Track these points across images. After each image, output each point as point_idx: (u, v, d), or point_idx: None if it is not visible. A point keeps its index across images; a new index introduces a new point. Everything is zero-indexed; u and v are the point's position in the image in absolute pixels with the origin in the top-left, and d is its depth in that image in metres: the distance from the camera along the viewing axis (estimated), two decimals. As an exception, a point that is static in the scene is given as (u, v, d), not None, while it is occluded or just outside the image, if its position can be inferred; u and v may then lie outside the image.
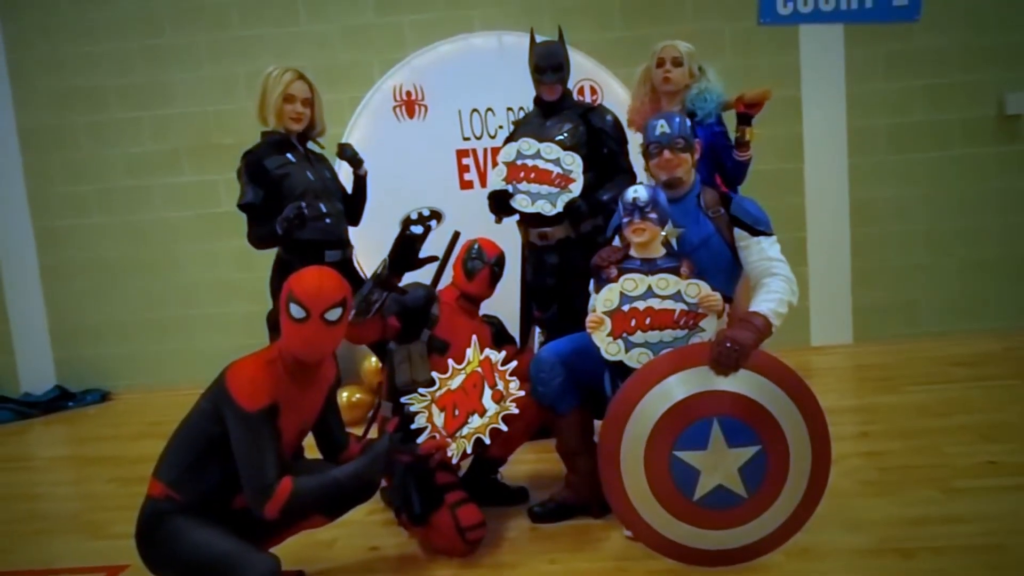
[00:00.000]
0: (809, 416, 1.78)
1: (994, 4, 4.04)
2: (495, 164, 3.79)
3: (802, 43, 4.07)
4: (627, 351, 1.95)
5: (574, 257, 2.61)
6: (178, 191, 4.54)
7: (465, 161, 3.81)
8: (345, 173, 2.78)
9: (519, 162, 2.57)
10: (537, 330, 2.86)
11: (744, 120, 2.53)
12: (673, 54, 2.69)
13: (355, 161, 2.68)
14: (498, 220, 2.73)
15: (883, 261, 4.23)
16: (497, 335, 2.56)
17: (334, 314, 1.70)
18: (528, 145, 2.55)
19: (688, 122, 2.16)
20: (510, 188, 2.58)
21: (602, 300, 1.96)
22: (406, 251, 2.21)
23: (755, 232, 2.04)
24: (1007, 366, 3.59)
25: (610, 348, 1.96)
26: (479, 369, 2.02)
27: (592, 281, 2.09)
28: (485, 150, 3.79)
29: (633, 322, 1.94)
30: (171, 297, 4.60)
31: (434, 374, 2.09)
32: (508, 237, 2.72)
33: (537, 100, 2.74)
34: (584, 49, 3.63)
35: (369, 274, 2.32)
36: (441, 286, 2.53)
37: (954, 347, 3.99)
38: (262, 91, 2.45)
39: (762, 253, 2.03)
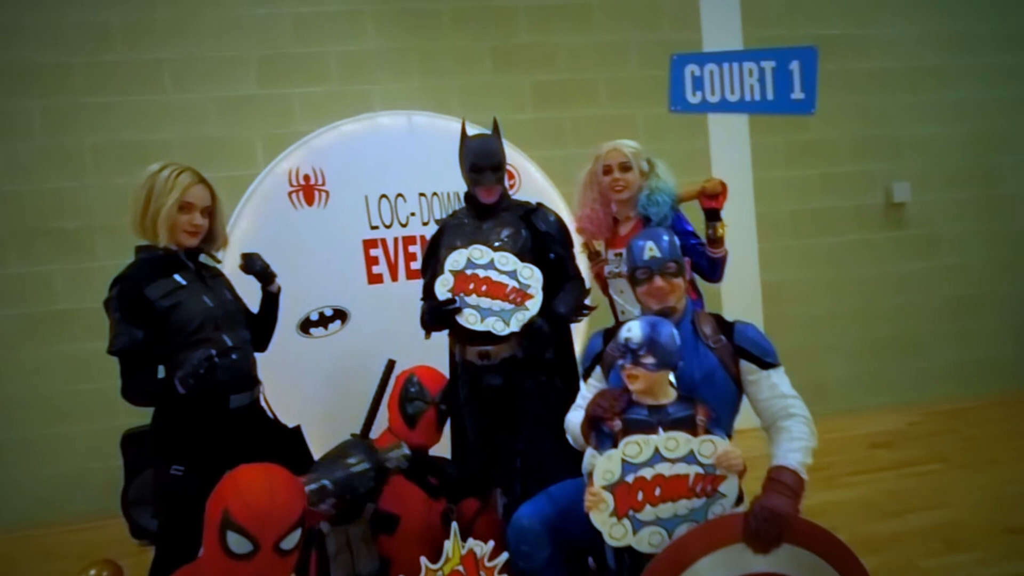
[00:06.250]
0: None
1: (877, 101, 4.36)
2: (408, 255, 3.45)
3: (711, 131, 4.13)
4: (635, 532, 1.60)
5: (520, 379, 2.26)
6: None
7: (373, 252, 3.35)
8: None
9: (469, 271, 2.21)
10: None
11: (712, 216, 2.36)
12: (620, 159, 2.47)
13: (266, 275, 2.17)
14: (428, 335, 2.35)
15: (792, 342, 4.29)
16: (453, 487, 2.12)
17: (291, 541, 1.21)
18: (480, 253, 2.20)
19: (677, 240, 1.93)
20: (457, 301, 2.20)
21: (601, 472, 1.61)
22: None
23: (764, 365, 1.82)
24: (921, 446, 3.71)
25: (614, 531, 1.60)
26: (460, 568, 1.58)
27: (592, 435, 1.74)
28: (396, 239, 3.37)
29: (640, 495, 1.60)
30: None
31: None
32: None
33: (470, 199, 2.39)
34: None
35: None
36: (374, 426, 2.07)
37: (863, 425, 4.09)
38: (145, 196, 1.88)
39: (774, 390, 1.81)
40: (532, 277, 2.19)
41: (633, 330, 1.70)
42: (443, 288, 2.22)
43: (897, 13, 4.35)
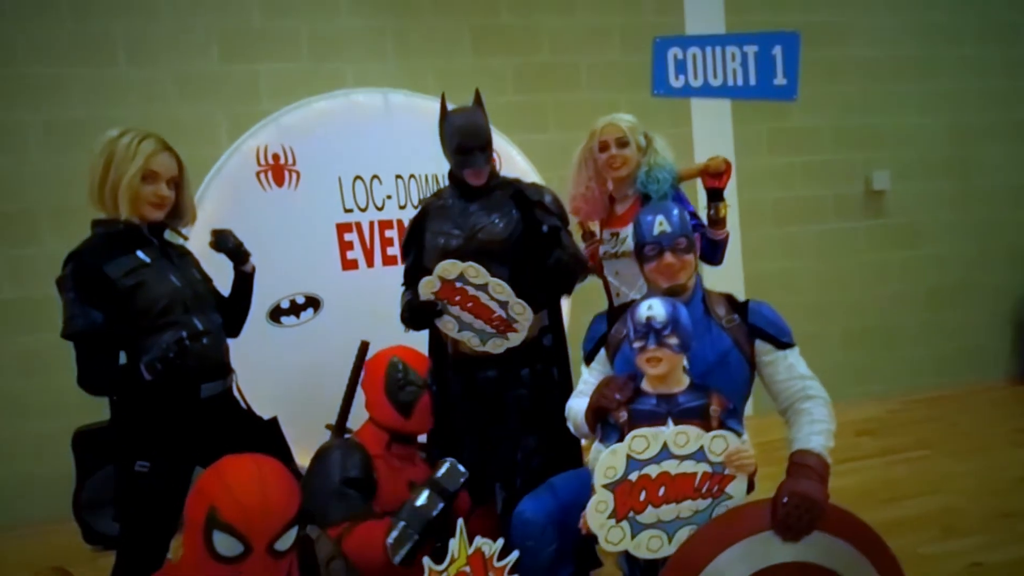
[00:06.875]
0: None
1: (858, 90, 4.34)
2: (384, 240, 3.28)
3: (694, 117, 4.06)
4: (633, 536, 1.47)
5: (516, 367, 2.13)
6: (-66, 276, 3.36)
7: (348, 237, 3.17)
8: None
9: (459, 284, 2.06)
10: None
11: (715, 195, 2.25)
12: (616, 134, 2.33)
13: (239, 254, 1.98)
14: (407, 330, 2.22)
15: (774, 331, 4.26)
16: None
17: (286, 541, 1.05)
18: (476, 272, 2.04)
19: (687, 215, 1.82)
20: (439, 305, 2.08)
21: (603, 469, 1.46)
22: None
23: (781, 345, 1.72)
24: (904, 433, 3.71)
25: (611, 535, 1.46)
26: (467, 569, 1.43)
27: (598, 427, 1.60)
28: (371, 223, 3.19)
29: (643, 495, 1.46)
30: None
31: None
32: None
33: (455, 179, 2.22)
34: (477, 112, 3.25)
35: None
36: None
37: (845, 414, 4.02)
38: (104, 164, 1.68)
39: (792, 371, 1.72)
40: (523, 315, 2.06)
41: (655, 308, 1.55)
42: (427, 290, 2.08)
43: (879, 3, 4.35)
